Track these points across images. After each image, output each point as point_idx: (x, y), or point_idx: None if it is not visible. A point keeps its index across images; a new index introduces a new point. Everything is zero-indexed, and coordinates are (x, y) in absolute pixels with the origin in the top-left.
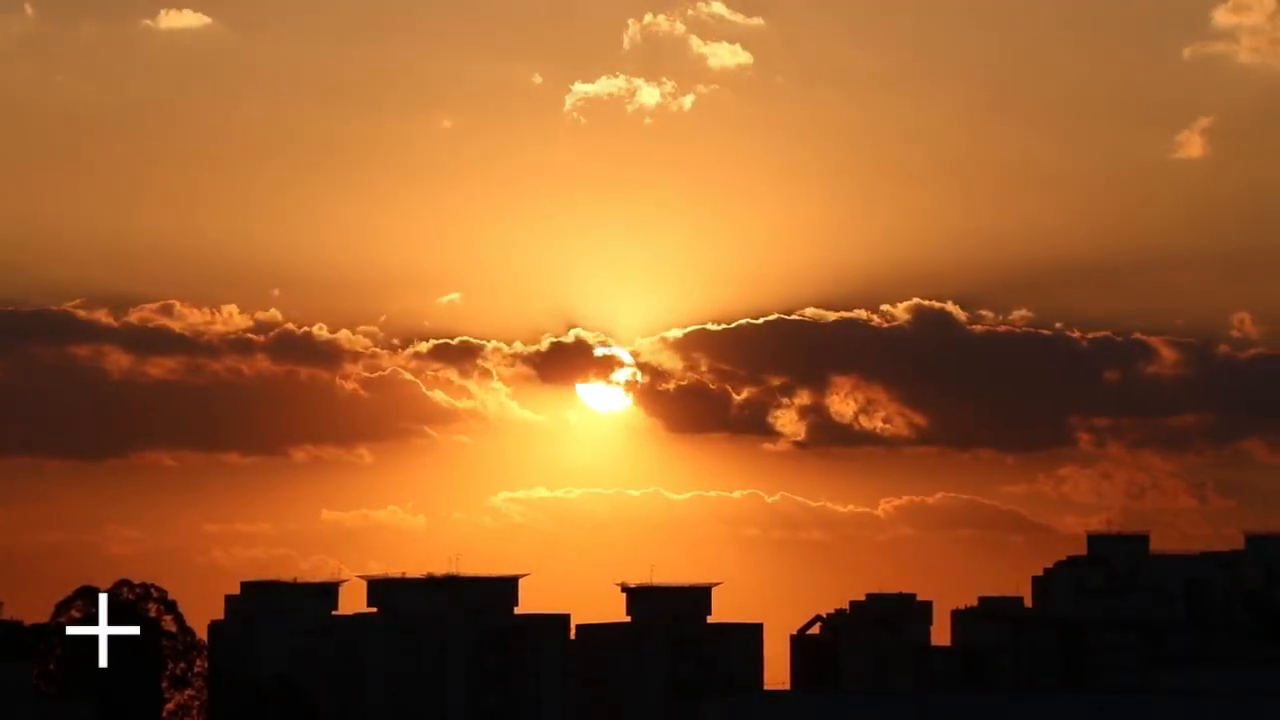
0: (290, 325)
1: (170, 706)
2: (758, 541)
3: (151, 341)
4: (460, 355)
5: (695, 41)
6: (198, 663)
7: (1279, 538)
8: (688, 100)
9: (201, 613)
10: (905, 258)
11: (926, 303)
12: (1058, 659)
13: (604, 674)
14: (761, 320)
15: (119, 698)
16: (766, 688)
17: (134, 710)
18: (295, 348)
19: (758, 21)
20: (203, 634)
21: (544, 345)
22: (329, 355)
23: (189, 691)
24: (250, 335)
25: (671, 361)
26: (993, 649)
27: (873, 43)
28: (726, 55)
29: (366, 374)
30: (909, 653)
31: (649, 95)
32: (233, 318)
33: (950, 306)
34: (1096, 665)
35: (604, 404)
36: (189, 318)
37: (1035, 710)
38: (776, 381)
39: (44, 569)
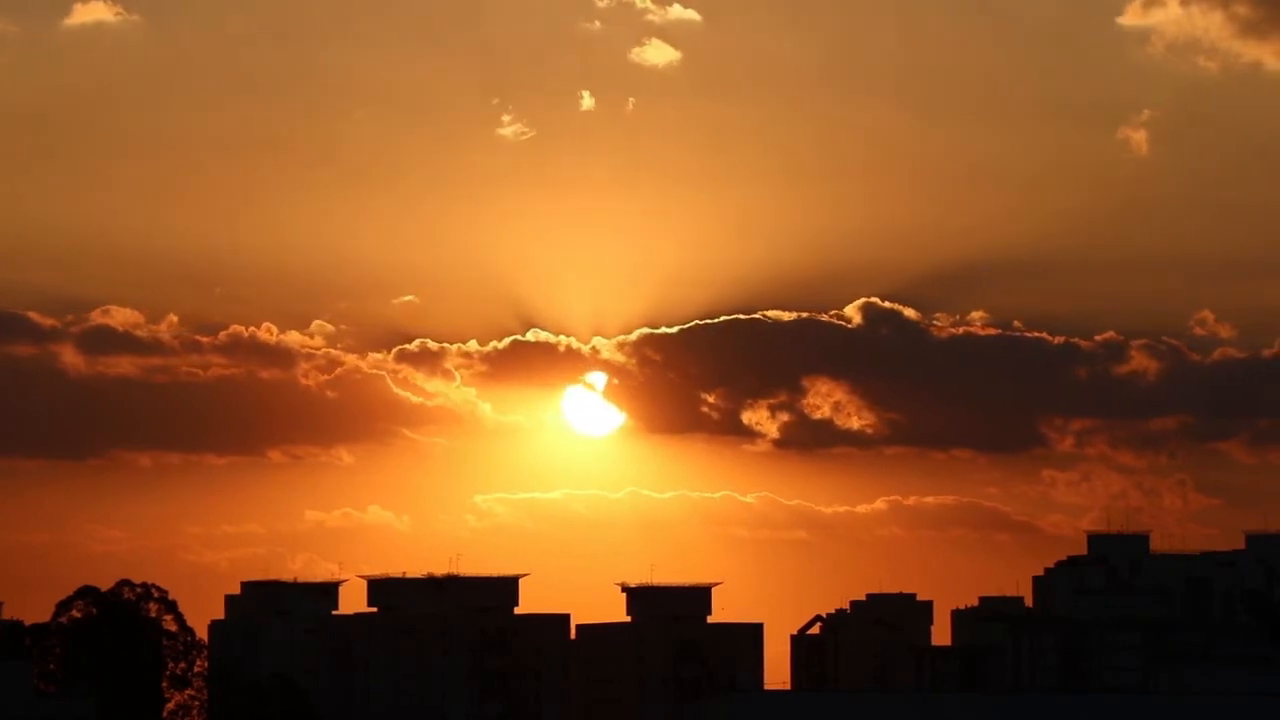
0: (242, 326)
1: (170, 706)
2: (746, 542)
3: (107, 343)
4: (426, 357)
5: (636, 42)
6: (198, 663)
7: (1279, 538)
8: (631, 101)
9: (195, 612)
10: (851, 258)
11: (878, 302)
12: (1058, 659)
13: (604, 674)
14: (718, 320)
15: (119, 697)
16: (766, 688)
17: (134, 710)
18: (253, 349)
19: (693, 16)
20: (201, 634)
21: (505, 345)
22: (288, 356)
23: (189, 691)
24: (200, 337)
25: (636, 361)
26: (993, 649)
27: (821, 41)
28: (659, 55)
29: (333, 375)
30: (909, 653)
31: (593, 96)
32: (183, 319)
33: (899, 306)
34: (1096, 665)
35: (575, 404)
36: (139, 319)
37: (1035, 710)
38: (746, 382)
39: (29, 568)
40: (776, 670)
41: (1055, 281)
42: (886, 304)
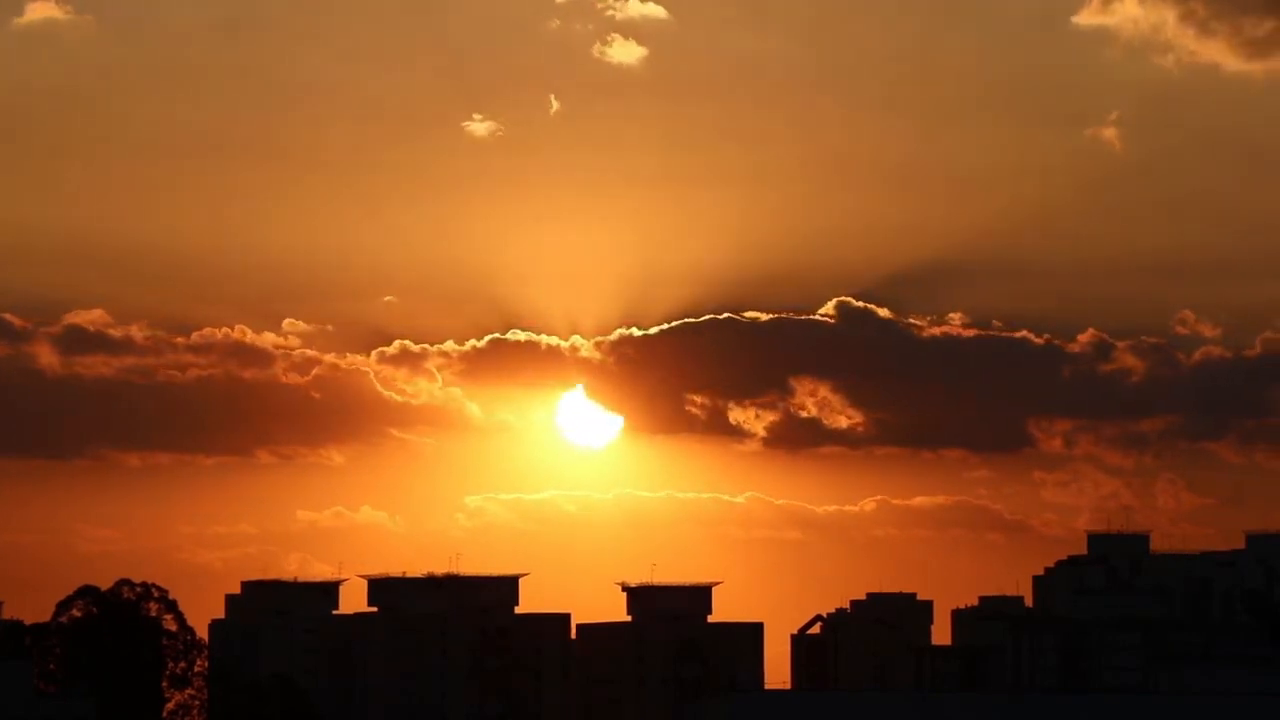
0: (221, 327)
1: (170, 706)
2: (742, 541)
3: (84, 344)
4: (408, 357)
5: (605, 42)
6: (198, 662)
7: (1279, 538)
8: (597, 103)
9: (193, 612)
10: (821, 258)
11: (851, 301)
12: (1058, 659)
13: (604, 674)
14: (698, 320)
15: (119, 697)
16: (766, 688)
17: (134, 710)
18: (233, 349)
19: (660, 13)
20: (201, 634)
21: (484, 345)
22: (269, 357)
23: (189, 691)
24: (178, 338)
25: (616, 360)
26: (993, 649)
27: (790, 39)
28: (627, 53)
29: (319, 375)
30: (909, 653)
31: (563, 97)
32: (160, 320)
33: (872, 305)
34: (1096, 665)
35: (561, 405)
36: (116, 321)
37: (1035, 710)
38: (731, 382)
39: (22, 568)
40: (776, 670)
41: (1029, 282)
42: (859, 304)
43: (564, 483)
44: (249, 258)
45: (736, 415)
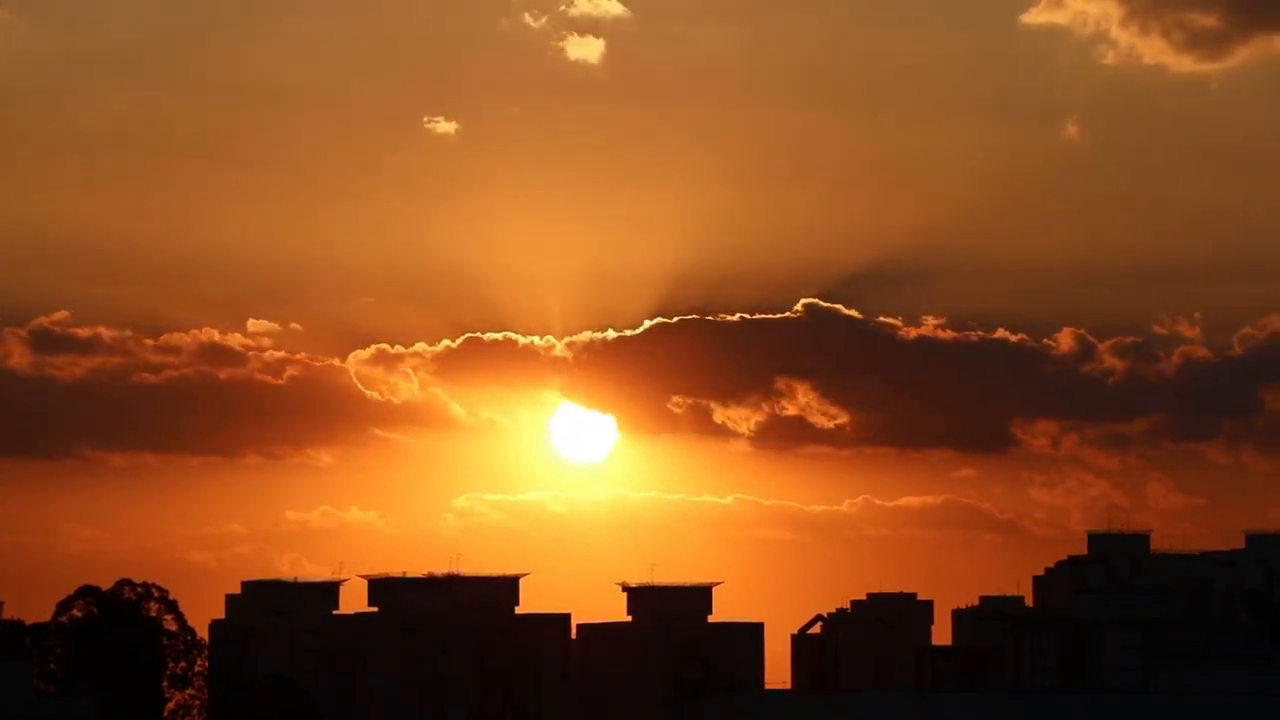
0: (190, 331)
1: (170, 706)
2: (738, 542)
3: (57, 346)
4: (389, 357)
5: (570, 41)
6: (198, 662)
7: (1279, 538)
8: (558, 101)
9: (189, 612)
10: (792, 258)
11: (819, 303)
12: (1058, 659)
13: (604, 674)
14: (675, 320)
15: (119, 697)
16: (766, 688)
17: (134, 710)
18: (216, 350)
19: (618, 9)
20: (201, 633)
21: (459, 345)
22: (249, 358)
23: (189, 691)
24: (146, 339)
25: (599, 361)
26: (993, 649)
27: (751, 40)
28: (591, 51)
29: (303, 376)
30: (909, 653)
31: (524, 95)
32: (127, 321)
33: (838, 305)
34: (1096, 665)
35: (546, 405)
36: (80, 322)
37: (1035, 710)
38: (716, 383)
39: (15, 567)
40: (776, 670)
41: (1000, 282)
42: (826, 304)
43: (553, 483)
44: (212, 259)
45: (721, 416)
